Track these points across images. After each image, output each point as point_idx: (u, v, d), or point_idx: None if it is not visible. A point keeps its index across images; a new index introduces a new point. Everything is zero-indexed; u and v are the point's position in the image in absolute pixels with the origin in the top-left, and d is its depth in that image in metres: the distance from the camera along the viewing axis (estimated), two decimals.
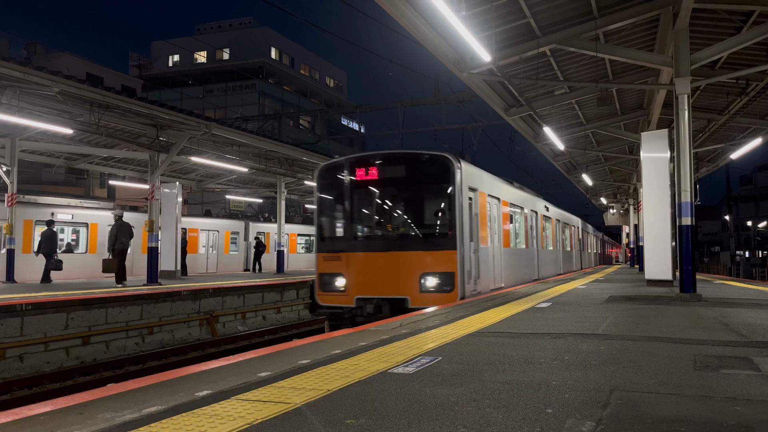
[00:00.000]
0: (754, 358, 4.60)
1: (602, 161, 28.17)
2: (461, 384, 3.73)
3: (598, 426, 2.83)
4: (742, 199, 67.78)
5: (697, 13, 11.13)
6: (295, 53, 74.11)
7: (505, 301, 9.85)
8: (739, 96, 15.85)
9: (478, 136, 25.03)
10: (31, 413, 3.17)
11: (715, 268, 42.41)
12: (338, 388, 3.64)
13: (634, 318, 7.34)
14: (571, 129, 20.19)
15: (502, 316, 7.64)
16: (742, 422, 2.90)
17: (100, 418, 3.03)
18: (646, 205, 13.90)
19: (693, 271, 10.21)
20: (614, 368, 4.20)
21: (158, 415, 3.07)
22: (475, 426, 2.85)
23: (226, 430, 2.79)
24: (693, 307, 8.84)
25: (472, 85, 14.76)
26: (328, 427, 2.84)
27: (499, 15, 11.22)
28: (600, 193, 40.51)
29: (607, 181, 34.43)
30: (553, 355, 4.73)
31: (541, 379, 3.85)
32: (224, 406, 3.23)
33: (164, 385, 3.82)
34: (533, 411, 3.10)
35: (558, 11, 11.66)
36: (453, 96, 23.06)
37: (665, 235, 13.39)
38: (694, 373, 4.06)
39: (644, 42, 13.85)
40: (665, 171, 13.49)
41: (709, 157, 26.43)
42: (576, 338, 5.65)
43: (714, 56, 11.25)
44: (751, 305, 9.08)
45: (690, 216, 10.13)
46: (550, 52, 13.52)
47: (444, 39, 11.92)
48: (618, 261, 67.65)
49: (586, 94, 16.40)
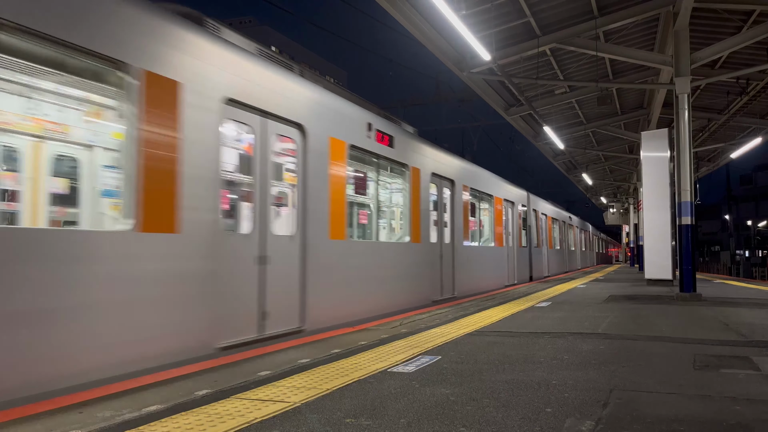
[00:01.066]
0: (754, 357, 4.60)
1: (602, 160, 28.18)
2: (461, 383, 3.73)
3: (598, 425, 2.83)
4: (742, 199, 67.76)
5: (697, 12, 11.14)
6: (295, 52, 74.17)
7: (505, 300, 9.85)
8: (739, 95, 15.85)
9: (478, 136, 25.03)
10: (31, 412, 3.17)
11: (715, 268, 42.40)
12: (338, 387, 3.64)
13: (633, 317, 7.34)
14: (571, 128, 20.20)
15: (502, 315, 7.64)
16: (741, 422, 2.90)
17: (99, 417, 3.03)
18: (646, 204, 13.92)
19: (693, 270, 10.21)
20: (614, 368, 4.20)
21: (158, 414, 3.07)
22: (475, 425, 2.85)
23: (226, 429, 2.79)
24: (693, 306, 8.84)
25: (472, 85, 14.76)
26: (328, 426, 2.84)
27: (499, 14, 11.23)
28: (600, 192, 40.52)
29: (607, 180, 34.44)
30: (553, 355, 4.73)
31: (541, 379, 3.85)
32: (224, 405, 3.22)
33: (164, 383, 3.82)
34: (533, 410, 3.10)
35: (558, 10, 11.66)
36: (453, 95, 23.07)
37: (665, 234, 13.41)
38: (694, 372, 4.06)
39: (644, 41, 13.85)
40: (665, 170, 13.51)
41: (709, 157, 26.44)
42: (576, 338, 5.65)
43: (714, 55, 11.26)
44: (751, 305, 9.08)
45: (690, 215, 10.13)
46: (550, 52, 13.52)
47: (444, 38, 11.92)
48: (618, 260, 67.69)
49: (586, 93, 16.41)
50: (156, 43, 4.80)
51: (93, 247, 4.20)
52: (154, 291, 4.68)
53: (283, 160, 6.76)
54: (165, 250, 4.79)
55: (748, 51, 12.88)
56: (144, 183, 4.60)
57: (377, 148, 8.77)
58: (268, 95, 6.22)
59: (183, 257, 4.97)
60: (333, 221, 7.43)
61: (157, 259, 4.72)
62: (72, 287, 4.03)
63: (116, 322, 4.33)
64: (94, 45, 4.28)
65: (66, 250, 4.01)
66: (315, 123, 7.10)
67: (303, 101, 6.90)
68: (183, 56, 5.06)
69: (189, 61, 5.12)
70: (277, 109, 6.37)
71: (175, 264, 4.89)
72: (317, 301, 6.95)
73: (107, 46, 4.37)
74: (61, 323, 3.96)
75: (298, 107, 6.79)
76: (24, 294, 3.74)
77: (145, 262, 4.60)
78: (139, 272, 4.53)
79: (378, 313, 8.50)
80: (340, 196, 7.62)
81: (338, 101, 7.85)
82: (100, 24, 4.33)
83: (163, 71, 4.85)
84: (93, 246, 4.20)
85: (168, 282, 4.81)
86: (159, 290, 4.72)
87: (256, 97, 6.03)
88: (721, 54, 11.67)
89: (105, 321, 4.24)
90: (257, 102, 6.04)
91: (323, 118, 7.31)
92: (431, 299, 10.58)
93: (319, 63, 79.20)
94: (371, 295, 8.43)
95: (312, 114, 7.06)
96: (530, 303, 9.37)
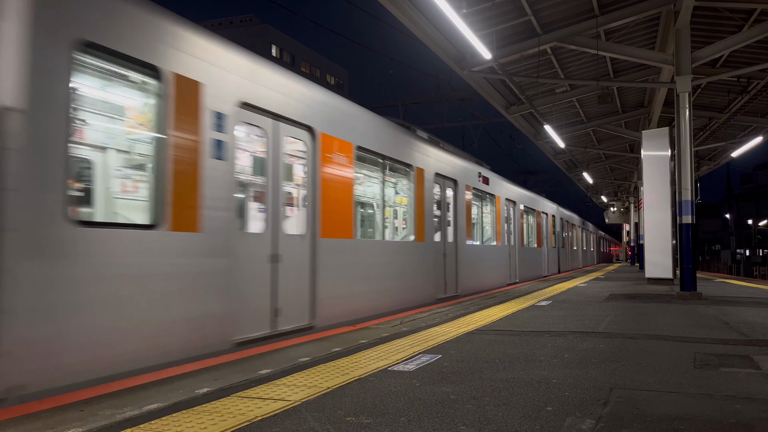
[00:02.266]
0: (755, 356, 4.60)
1: (603, 159, 28.17)
2: (461, 382, 3.73)
3: (598, 424, 2.83)
4: (743, 198, 67.77)
5: (698, 11, 11.14)
6: (296, 51, 74.08)
7: (505, 299, 9.85)
8: (740, 94, 15.84)
9: (478, 134, 25.01)
10: (33, 410, 3.17)
11: (715, 267, 42.40)
12: (338, 385, 3.64)
13: (634, 316, 7.34)
14: (571, 127, 20.19)
15: (503, 313, 7.65)
16: (741, 420, 2.90)
17: (100, 415, 3.03)
18: (646, 203, 13.92)
19: (693, 269, 10.21)
20: (614, 366, 4.20)
21: (159, 412, 3.08)
22: (475, 424, 2.85)
23: (227, 428, 2.80)
24: (693, 305, 8.84)
25: (473, 83, 14.76)
26: (328, 425, 2.84)
27: (499, 13, 11.22)
28: (601, 191, 40.51)
29: (607, 179, 34.43)
30: (554, 353, 4.73)
31: (542, 377, 3.85)
32: (224, 404, 3.23)
33: (165, 382, 3.82)
34: (533, 409, 3.10)
35: (559, 9, 11.65)
36: (454, 94, 23.03)
37: (666, 233, 13.41)
38: (694, 371, 4.06)
39: (645, 40, 13.84)
40: (666, 169, 13.51)
41: (709, 156, 26.43)
42: (576, 336, 5.65)
43: (715, 54, 11.26)
44: (752, 304, 9.08)
45: (690, 214, 10.13)
46: (551, 50, 13.51)
47: (445, 37, 11.92)
48: (618, 259, 67.69)
49: (587, 92, 16.41)
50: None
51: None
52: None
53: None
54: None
55: (749, 50, 12.87)
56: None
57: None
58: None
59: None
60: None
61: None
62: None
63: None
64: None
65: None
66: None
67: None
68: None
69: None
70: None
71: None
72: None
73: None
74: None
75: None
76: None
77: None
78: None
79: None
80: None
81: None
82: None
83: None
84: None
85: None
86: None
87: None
88: (722, 53, 11.67)
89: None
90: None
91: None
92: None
93: (320, 61, 79.11)
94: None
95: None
96: (531, 302, 9.37)
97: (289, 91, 6.56)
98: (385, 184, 9.46)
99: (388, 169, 9.55)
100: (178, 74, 4.93)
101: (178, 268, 4.91)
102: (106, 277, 4.25)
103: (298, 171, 6.97)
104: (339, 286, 7.41)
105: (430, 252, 10.61)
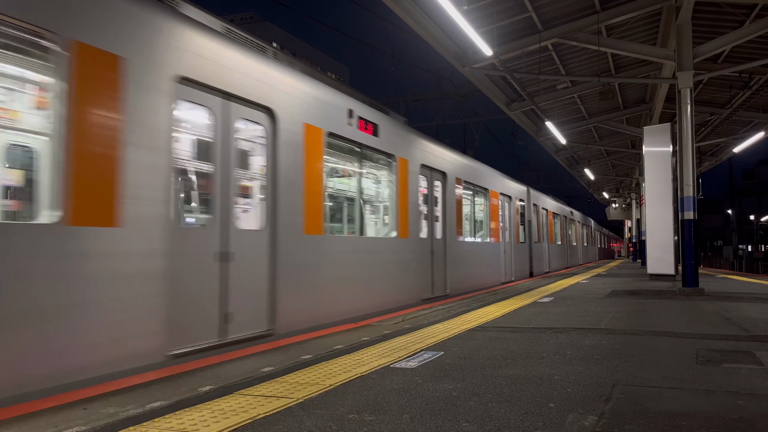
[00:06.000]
0: (757, 352, 4.60)
1: (604, 155, 28.13)
2: (463, 378, 3.74)
3: (601, 420, 2.83)
4: (745, 194, 67.61)
5: (699, 6, 11.11)
6: (296, 48, 74.09)
7: (507, 296, 9.85)
8: (742, 90, 15.78)
9: (479, 131, 25.00)
10: (36, 408, 3.18)
11: (717, 263, 42.35)
12: (340, 383, 3.65)
13: (636, 312, 7.34)
14: (573, 123, 20.17)
15: (505, 310, 7.65)
16: (744, 416, 2.90)
17: (104, 414, 3.04)
18: (648, 199, 13.91)
19: (695, 265, 10.21)
20: (616, 362, 4.20)
21: (162, 410, 3.08)
22: (478, 420, 2.86)
23: (229, 425, 2.80)
24: (695, 301, 8.83)
25: (474, 80, 14.74)
26: (331, 422, 2.84)
27: (500, 9, 11.20)
28: (602, 187, 40.47)
29: (609, 175, 34.38)
30: (556, 350, 4.73)
31: (544, 374, 3.86)
32: (227, 401, 3.23)
33: (167, 380, 3.83)
34: (535, 405, 3.10)
35: (560, 5, 11.63)
36: (455, 91, 23.02)
37: (667, 229, 13.41)
38: (697, 367, 4.06)
39: (647, 36, 13.81)
40: (668, 165, 13.50)
41: (711, 151, 26.37)
42: (578, 333, 5.65)
43: (717, 50, 11.23)
44: (754, 299, 9.07)
45: (692, 210, 10.12)
46: (552, 47, 13.48)
47: (446, 34, 11.90)
48: (620, 255, 67.65)
49: (589, 88, 16.37)
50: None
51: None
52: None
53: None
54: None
55: (750, 45, 12.84)
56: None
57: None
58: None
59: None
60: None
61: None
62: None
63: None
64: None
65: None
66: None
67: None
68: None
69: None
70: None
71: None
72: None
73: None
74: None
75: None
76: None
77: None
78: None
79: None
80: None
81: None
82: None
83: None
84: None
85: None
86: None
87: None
88: (724, 48, 11.64)
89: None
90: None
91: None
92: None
93: (320, 58, 79.11)
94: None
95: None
96: (532, 298, 9.37)
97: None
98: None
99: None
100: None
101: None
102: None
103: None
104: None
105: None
